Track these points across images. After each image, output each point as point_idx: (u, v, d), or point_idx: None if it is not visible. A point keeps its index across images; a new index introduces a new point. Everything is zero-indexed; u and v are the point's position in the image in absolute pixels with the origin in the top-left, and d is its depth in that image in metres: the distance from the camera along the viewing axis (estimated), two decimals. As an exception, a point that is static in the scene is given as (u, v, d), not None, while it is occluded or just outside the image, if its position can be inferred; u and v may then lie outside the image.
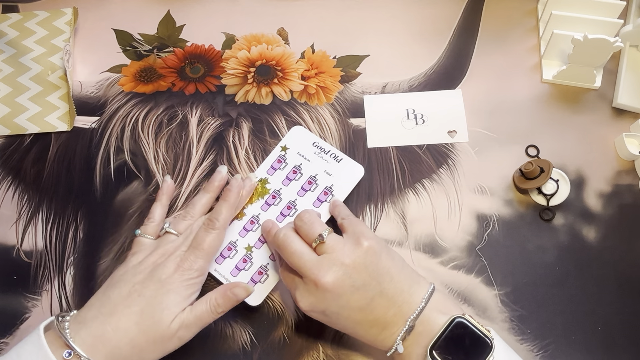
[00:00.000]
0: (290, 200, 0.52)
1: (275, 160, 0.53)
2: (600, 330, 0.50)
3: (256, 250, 0.50)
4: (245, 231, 0.51)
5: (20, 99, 0.58)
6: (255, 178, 0.52)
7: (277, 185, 0.52)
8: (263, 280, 0.49)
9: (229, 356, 0.49)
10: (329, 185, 0.52)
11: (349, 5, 0.64)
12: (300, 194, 0.52)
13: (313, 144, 0.54)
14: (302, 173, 0.53)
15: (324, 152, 0.53)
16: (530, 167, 0.53)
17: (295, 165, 0.53)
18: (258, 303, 0.49)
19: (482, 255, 0.53)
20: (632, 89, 0.59)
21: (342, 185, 0.52)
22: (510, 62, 0.61)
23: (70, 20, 0.62)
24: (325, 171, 0.53)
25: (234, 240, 0.50)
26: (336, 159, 0.53)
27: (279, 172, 0.53)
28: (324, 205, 0.51)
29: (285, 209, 0.51)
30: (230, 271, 0.49)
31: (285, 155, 0.54)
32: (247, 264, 0.50)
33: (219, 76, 0.60)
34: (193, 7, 0.64)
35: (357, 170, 0.53)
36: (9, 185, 0.56)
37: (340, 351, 0.49)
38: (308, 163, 0.53)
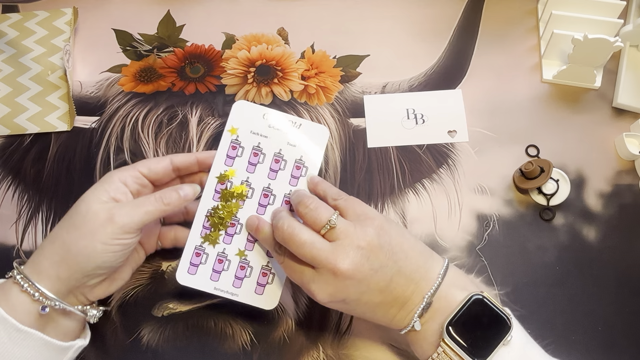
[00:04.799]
0: (264, 187, 0.47)
1: (230, 148, 0.47)
2: (600, 330, 0.50)
3: (250, 253, 0.46)
4: (230, 236, 0.46)
5: (20, 99, 0.58)
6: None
7: (244, 175, 0.47)
8: (271, 281, 0.46)
9: (229, 356, 0.49)
10: (298, 157, 0.47)
11: (349, 5, 0.64)
12: (272, 176, 0.47)
13: (264, 117, 0.48)
14: (264, 153, 0.47)
15: (279, 122, 0.48)
16: (531, 167, 0.53)
17: (254, 146, 0.47)
18: (274, 306, 0.46)
19: (482, 255, 0.53)
20: (632, 89, 0.59)
21: (312, 153, 0.47)
22: (510, 62, 0.61)
23: (70, 20, 0.62)
24: (289, 143, 0.47)
25: (221, 250, 0.46)
26: (295, 126, 0.48)
27: (238, 159, 0.47)
28: (301, 180, 0.47)
29: (262, 198, 0.47)
30: (231, 284, 0.46)
31: (237, 138, 0.47)
32: (247, 270, 0.46)
33: (219, 76, 0.60)
34: (193, 7, 0.64)
35: (322, 132, 0.48)
36: (9, 185, 0.56)
37: (340, 351, 0.49)
38: (266, 140, 0.47)
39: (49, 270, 0.41)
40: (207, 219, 0.46)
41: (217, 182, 0.47)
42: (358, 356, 0.49)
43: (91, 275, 0.42)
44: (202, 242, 0.46)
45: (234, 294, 0.46)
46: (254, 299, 0.46)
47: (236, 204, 0.46)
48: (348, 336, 0.50)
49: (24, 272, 0.41)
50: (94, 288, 0.44)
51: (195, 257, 0.46)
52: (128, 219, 0.41)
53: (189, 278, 0.46)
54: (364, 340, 0.50)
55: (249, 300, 0.46)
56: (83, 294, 0.43)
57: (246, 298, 0.46)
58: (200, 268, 0.46)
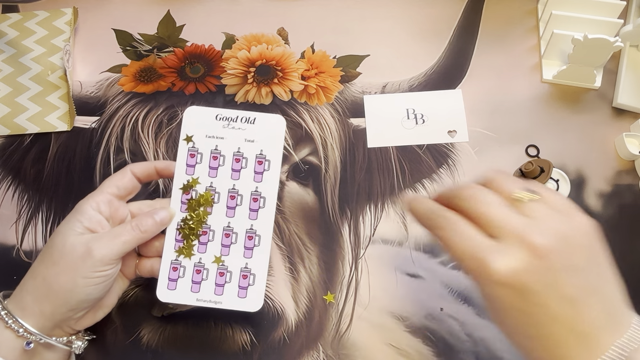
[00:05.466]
0: (229, 188, 0.46)
1: (188, 157, 0.46)
2: (601, 330, 0.50)
3: (227, 258, 0.45)
4: (204, 245, 0.46)
5: (20, 99, 0.58)
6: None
7: (207, 181, 0.46)
8: (252, 282, 0.45)
9: (229, 356, 0.49)
10: (258, 152, 0.46)
11: (349, 5, 0.64)
12: (235, 176, 0.46)
13: (217, 118, 0.47)
14: (223, 155, 0.46)
15: (232, 121, 0.47)
16: (531, 167, 0.53)
17: (212, 150, 0.46)
18: (260, 306, 0.46)
19: (482, 255, 0.53)
20: (632, 89, 0.59)
21: (271, 145, 0.46)
22: (510, 62, 0.61)
23: (70, 20, 0.62)
24: (246, 139, 0.47)
25: (197, 261, 0.46)
26: (249, 121, 0.47)
27: (199, 166, 0.46)
28: (266, 175, 0.46)
29: (230, 201, 0.46)
30: (213, 292, 0.45)
31: (194, 145, 0.47)
32: (226, 275, 0.45)
33: (219, 76, 0.60)
34: (193, 7, 0.64)
35: (277, 122, 0.47)
36: (9, 185, 0.56)
37: (340, 351, 0.49)
38: (223, 141, 0.46)
39: (33, 306, 0.41)
40: (178, 232, 0.46)
41: (182, 193, 0.46)
42: (358, 356, 0.49)
43: (76, 309, 0.42)
44: (177, 255, 0.45)
45: (217, 302, 0.45)
46: (238, 304, 0.45)
47: (204, 212, 0.46)
48: (348, 336, 0.50)
49: (7, 307, 0.41)
50: (80, 319, 0.44)
51: (173, 272, 0.45)
52: (106, 251, 0.41)
53: (170, 294, 0.45)
54: (364, 340, 0.50)
55: (234, 306, 0.45)
56: (69, 326, 0.44)
57: (230, 304, 0.45)
58: (179, 282, 0.45)
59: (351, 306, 0.51)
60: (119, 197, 0.45)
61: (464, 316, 0.51)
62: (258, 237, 0.46)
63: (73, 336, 0.44)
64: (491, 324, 0.50)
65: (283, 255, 0.52)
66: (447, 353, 0.49)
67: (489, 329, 0.50)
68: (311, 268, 0.52)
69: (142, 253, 0.47)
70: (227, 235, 0.46)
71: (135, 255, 0.47)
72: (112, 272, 0.42)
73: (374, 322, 0.50)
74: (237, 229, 0.46)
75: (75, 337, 0.44)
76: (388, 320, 0.50)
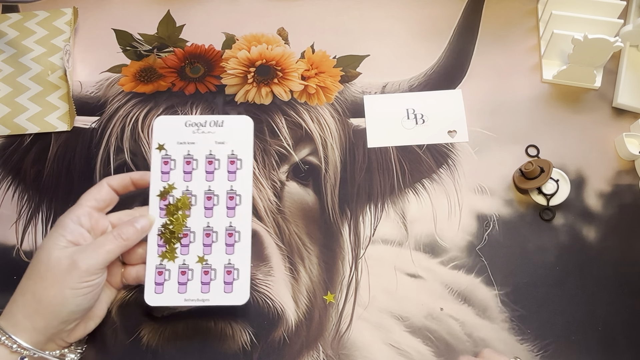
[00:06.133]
0: (205, 190, 0.48)
1: (162, 164, 0.48)
2: (600, 330, 0.50)
3: (209, 256, 0.47)
4: (186, 247, 0.47)
5: (20, 99, 0.58)
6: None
7: (182, 186, 0.48)
8: (237, 276, 0.46)
9: (229, 356, 0.49)
10: (229, 153, 0.48)
11: (348, 5, 0.64)
12: (209, 178, 0.48)
13: (186, 125, 0.49)
14: (195, 159, 0.48)
15: (201, 125, 0.49)
16: (531, 167, 0.53)
17: (184, 155, 0.48)
18: (247, 299, 0.46)
19: (482, 255, 0.53)
20: (632, 89, 0.59)
21: (241, 145, 0.48)
22: (510, 62, 0.61)
23: (70, 20, 0.62)
24: (216, 142, 0.48)
25: (181, 263, 0.47)
26: (217, 124, 0.49)
27: (173, 172, 0.48)
28: (240, 174, 0.48)
29: (207, 202, 0.47)
30: (200, 291, 0.46)
31: (166, 153, 0.48)
32: (211, 274, 0.46)
33: (219, 76, 0.60)
34: (193, 7, 0.64)
35: (245, 123, 0.49)
36: (9, 185, 0.56)
37: (340, 351, 0.49)
38: (194, 146, 0.48)
39: (24, 322, 0.41)
40: (160, 237, 0.47)
41: (159, 199, 0.47)
42: (358, 356, 0.49)
43: (67, 321, 0.43)
44: (161, 260, 0.47)
45: (204, 300, 0.46)
46: (225, 299, 0.46)
47: (183, 215, 0.47)
48: (348, 336, 0.50)
49: (0, 324, 0.41)
50: (72, 331, 0.45)
51: (158, 276, 0.46)
52: (91, 261, 0.42)
53: (157, 297, 0.46)
54: (364, 340, 0.50)
55: (221, 301, 0.46)
56: (62, 339, 0.44)
57: (217, 300, 0.46)
58: (165, 285, 0.46)
59: (351, 306, 0.51)
60: (98, 209, 0.47)
61: (464, 316, 0.51)
62: (238, 233, 0.47)
63: (66, 349, 0.45)
64: (492, 324, 0.50)
65: (283, 255, 0.52)
66: (447, 353, 0.49)
67: (489, 329, 0.50)
68: (311, 268, 0.52)
69: (126, 261, 0.48)
70: (207, 235, 0.47)
71: (120, 264, 0.48)
72: (98, 281, 0.43)
73: (374, 322, 0.50)
74: (217, 228, 0.47)
75: (68, 350, 0.45)
76: (388, 320, 0.50)
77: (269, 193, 0.54)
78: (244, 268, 0.47)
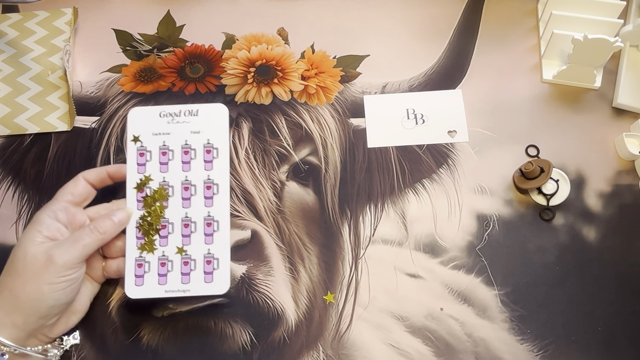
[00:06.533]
0: (182, 181, 0.48)
1: (137, 156, 0.48)
2: (600, 330, 0.50)
3: (189, 247, 0.47)
4: (165, 238, 0.47)
5: (20, 99, 0.58)
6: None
7: (159, 177, 0.48)
8: (217, 266, 0.47)
9: (229, 356, 0.49)
10: (205, 142, 0.48)
11: (348, 5, 0.64)
12: (186, 168, 0.48)
13: (160, 115, 0.49)
14: (171, 150, 0.48)
15: (176, 115, 0.48)
16: (530, 167, 0.53)
17: (160, 146, 0.48)
18: (228, 288, 0.46)
19: (482, 255, 0.53)
20: (632, 89, 0.59)
21: (217, 134, 0.48)
22: (510, 62, 0.61)
23: (70, 20, 0.62)
24: (192, 131, 0.48)
25: (160, 254, 0.47)
26: (192, 114, 0.49)
27: (149, 164, 0.48)
28: (216, 163, 0.48)
29: (184, 192, 0.47)
30: (180, 282, 0.46)
31: (142, 145, 0.48)
32: (191, 264, 0.47)
33: (219, 76, 0.60)
34: (193, 7, 0.64)
35: (220, 111, 0.49)
36: (9, 185, 0.56)
37: (340, 351, 0.49)
38: (169, 136, 0.48)
39: (4, 319, 0.41)
40: (138, 229, 0.47)
41: (136, 192, 0.47)
42: (358, 356, 0.49)
43: (47, 316, 0.43)
44: (140, 252, 0.47)
45: (185, 291, 0.46)
46: (206, 289, 0.46)
47: (161, 206, 0.47)
48: (348, 336, 0.50)
49: None
50: (53, 327, 0.44)
51: (138, 269, 0.46)
52: (68, 256, 0.42)
53: (138, 290, 0.46)
54: (364, 340, 0.50)
55: (202, 291, 0.46)
56: (44, 334, 0.44)
57: (198, 290, 0.46)
58: (145, 277, 0.46)
59: (351, 306, 0.51)
60: (75, 203, 0.47)
61: (464, 316, 0.51)
62: (216, 222, 0.47)
63: (49, 344, 0.45)
64: (492, 324, 0.50)
65: (283, 255, 0.52)
66: (447, 353, 0.49)
67: (489, 329, 0.50)
68: (311, 268, 0.52)
69: (106, 255, 0.48)
70: (186, 225, 0.47)
71: (101, 258, 0.48)
72: (76, 275, 0.43)
73: (374, 322, 0.50)
74: (195, 218, 0.47)
75: (51, 346, 0.45)
76: (388, 320, 0.50)
77: (269, 193, 0.54)
78: (223, 257, 0.47)
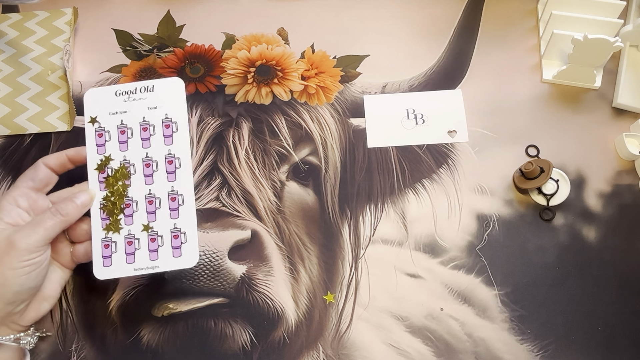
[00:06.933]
0: (143, 158, 0.47)
1: (96, 137, 0.48)
2: (600, 330, 0.50)
3: (154, 224, 0.47)
4: (130, 217, 0.47)
5: (20, 99, 0.58)
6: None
7: (119, 156, 0.47)
8: (184, 239, 0.46)
9: (229, 356, 0.49)
10: (162, 117, 0.48)
11: (348, 5, 0.64)
12: (145, 145, 0.48)
13: (116, 94, 0.48)
14: (130, 128, 0.48)
15: (132, 93, 0.48)
16: (530, 167, 0.53)
17: (117, 125, 0.48)
18: (196, 261, 0.46)
19: (482, 255, 0.53)
20: (632, 89, 0.59)
21: (174, 108, 0.48)
22: (510, 62, 0.61)
23: (70, 20, 0.62)
24: (149, 107, 0.48)
25: (126, 233, 0.46)
26: (148, 90, 0.48)
27: (109, 144, 0.48)
28: (176, 136, 0.48)
29: (146, 169, 0.47)
30: (148, 258, 0.46)
31: (100, 125, 0.48)
32: (158, 240, 0.46)
33: (219, 76, 0.60)
34: (193, 7, 0.64)
35: (176, 84, 0.49)
36: (9, 185, 0.56)
37: (340, 351, 0.49)
38: (127, 114, 0.48)
39: None
40: (102, 211, 0.47)
41: (98, 173, 0.47)
42: (358, 356, 0.49)
43: (14, 302, 0.42)
44: (106, 233, 0.47)
45: (154, 267, 0.46)
46: (175, 263, 0.46)
47: (123, 185, 0.47)
48: (348, 336, 0.50)
49: None
50: (23, 314, 0.44)
51: (105, 249, 0.46)
52: (29, 239, 0.42)
53: (106, 270, 0.46)
54: (364, 340, 0.50)
55: (171, 266, 0.46)
56: (14, 322, 0.44)
57: (167, 265, 0.46)
58: (113, 257, 0.46)
59: (351, 306, 0.51)
60: (36, 189, 0.46)
61: (464, 316, 0.51)
62: (181, 196, 0.47)
63: (22, 333, 0.44)
64: (492, 324, 0.50)
65: (283, 255, 0.52)
66: (447, 353, 0.49)
67: (489, 329, 0.50)
68: (311, 268, 0.52)
69: (73, 239, 0.47)
70: (150, 202, 0.47)
71: (69, 243, 0.48)
72: (39, 259, 0.43)
73: (374, 322, 0.50)
74: (159, 194, 0.47)
75: (24, 334, 0.45)
76: (388, 320, 0.51)
77: (269, 193, 0.54)
78: (190, 230, 0.47)
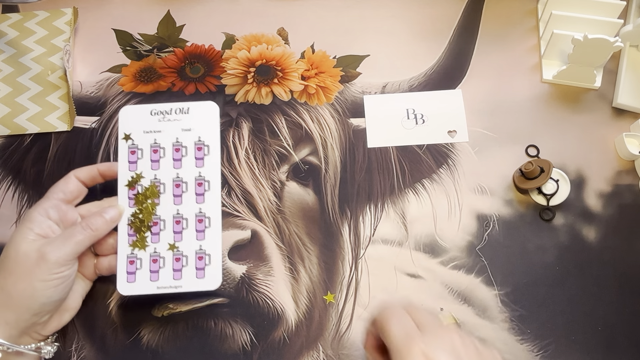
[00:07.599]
0: (173, 178, 0.48)
1: (129, 154, 0.48)
2: (600, 330, 0.50)
3: (180, 244, 0.47)
4: (157, 235, 0.47)
5: (20, 99, 0.58)
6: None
7: (150, 174, 0.48)
8: (209, 262, 0.47)
9: (229, 356, 0.49)
10: (195, 139, 0.48)
11: (348, 5, 0.64)
12: (177, 165, 0.48)
13: (152, 113, 0.49)
14: (162, 147, 0.48)
15: (167, 114, 0.49)
16: (530, 167, 0.53)
17: (151, 144, 0.48)
18: (219, 284, 0.46)
19: (482, 255, 0.53)
20: (632, 89, 0.59)
21: (208, 131, 0.49)
22: (510, 62, 0.61)
23: (70, 20, 0.62)
24: (183, 129, 0.49)
25: (152, 251, 0.47)
26: (183, 111, 0.49)
27: (141, 162, 0.48)
28: (207, 160, 0.48)
29: (175, 189, 0.48)
30: (172, 278, 0.46)
31: (133, 143, 0.48)
32: (182, 260, 0.47)
33: (219, 76, 0.60)
34: (193, 7, 0.64)
35: (210, 109, 0.49)
36: (9, 185, 0.56)
37: (340, 351, 0.49)
38: (161, 134, 0.49)
39: None
40: (130, 227, 0.47)
41: (128, 189, 0.48)
42: (358, 356, 0.49)
43: (39, 314, 0.43)
44: (132, 249, 0.47)
45: (177, 287, 0.46)
46: (197, 284, 0.47)
47: (152, 204, 0.47)
48: (348, 336, 0.50)
49: None
50: (46, 324, 0.44)
51: (130, 266, 0.47)
52: (60, 253, 0.42)
53: (130, 287, 0.46)
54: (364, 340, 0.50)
55: (193, 287, 0.46)
56: (37, 332, 0.44)
57: (190, 286, 0.46)
58: (137, 274, 0.46)
59: (351, 306, 0.51)
60: (66, 201, 0.47)
61: (464, 316, 0.51)
62: (208, 219, 0.47)
63: (42, 342, 0.45)
64: (492, 324, 0.50)
65: (283, 255, 0.52)
66: (447, 353, 0.49)
67: (489, 329, 0.50)
68: (311, 268, 0.52)
69: (98, 252, 0.48)
70: (177, 222, 0.47)
71: (93, 255, 0.48)
72: (68, 273, 0.43)
73: (374, 322, 0.50)
74: (187, 214, 0.47)
75: (44, 343, 0.45)
76: (388, 320, 0.50)
77: (269, 193, 0.54)
78: (215, 253, 0.47)
